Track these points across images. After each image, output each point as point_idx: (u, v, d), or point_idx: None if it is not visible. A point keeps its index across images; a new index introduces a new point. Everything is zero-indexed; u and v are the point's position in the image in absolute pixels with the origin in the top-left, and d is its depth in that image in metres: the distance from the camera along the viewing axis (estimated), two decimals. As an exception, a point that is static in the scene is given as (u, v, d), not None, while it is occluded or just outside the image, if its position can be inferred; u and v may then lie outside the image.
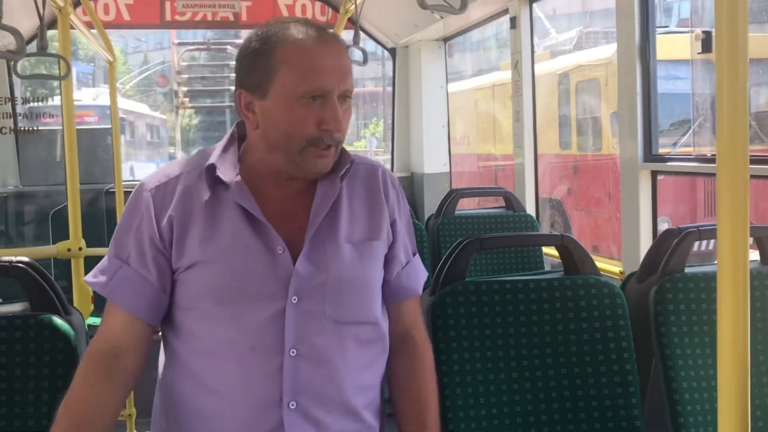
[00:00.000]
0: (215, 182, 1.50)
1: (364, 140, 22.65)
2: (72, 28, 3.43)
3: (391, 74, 6.15)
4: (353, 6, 4.26)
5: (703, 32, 6.17)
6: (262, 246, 1.48)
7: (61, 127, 5.98)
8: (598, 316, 2.02)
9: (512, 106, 4.39)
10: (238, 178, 1.51)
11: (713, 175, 1.00)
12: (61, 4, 3.00)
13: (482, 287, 1.98)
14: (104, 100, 5.12)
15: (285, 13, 5.66)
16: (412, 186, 5.91)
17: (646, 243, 3.11)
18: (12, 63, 3.66)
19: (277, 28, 1.48)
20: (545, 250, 3.91)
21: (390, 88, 6.23)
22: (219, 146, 1.56)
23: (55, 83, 3.79)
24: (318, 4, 5.63)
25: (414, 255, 1.68)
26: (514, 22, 4.25)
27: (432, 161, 5.74)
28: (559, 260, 2.15)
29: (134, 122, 19.89)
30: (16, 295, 1.96)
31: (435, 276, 2.09)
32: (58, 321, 1.81)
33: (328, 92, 1.44)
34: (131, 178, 8.89)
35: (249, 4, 5.61)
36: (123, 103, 14.81)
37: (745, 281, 1.05)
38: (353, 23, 4.65)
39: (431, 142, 5.75)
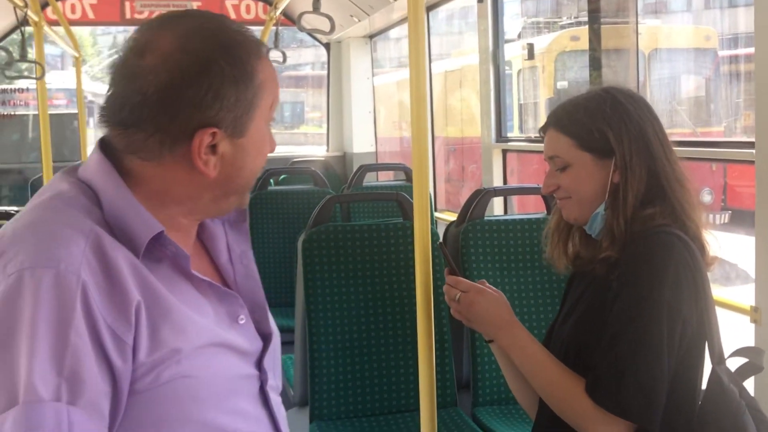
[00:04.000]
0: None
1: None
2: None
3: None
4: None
5: (528, 44, 7.13)
6: (228, 321, 1.13)
7: (29, 113, 6.87)
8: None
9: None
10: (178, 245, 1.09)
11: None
12: (36, 18, 3.81)
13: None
14: (73, 83, 5.87)
15: (232, 13, 6.47)
16: (344, 163, 6.81)
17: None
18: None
19: (223, 30, 1.08)
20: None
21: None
22: (110, 189, 1.06)
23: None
24: (260, 4, 6.44)
25: None
26: (414, 27, 5.10)
27: (360, 142, 6.62)
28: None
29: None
30: None
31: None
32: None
33: None
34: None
35: (199, 4, 6.42)
36: (92, 86, 15.41)
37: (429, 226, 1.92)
38: (292, 20, 5.44)
39: (360, 126, 6.63)
